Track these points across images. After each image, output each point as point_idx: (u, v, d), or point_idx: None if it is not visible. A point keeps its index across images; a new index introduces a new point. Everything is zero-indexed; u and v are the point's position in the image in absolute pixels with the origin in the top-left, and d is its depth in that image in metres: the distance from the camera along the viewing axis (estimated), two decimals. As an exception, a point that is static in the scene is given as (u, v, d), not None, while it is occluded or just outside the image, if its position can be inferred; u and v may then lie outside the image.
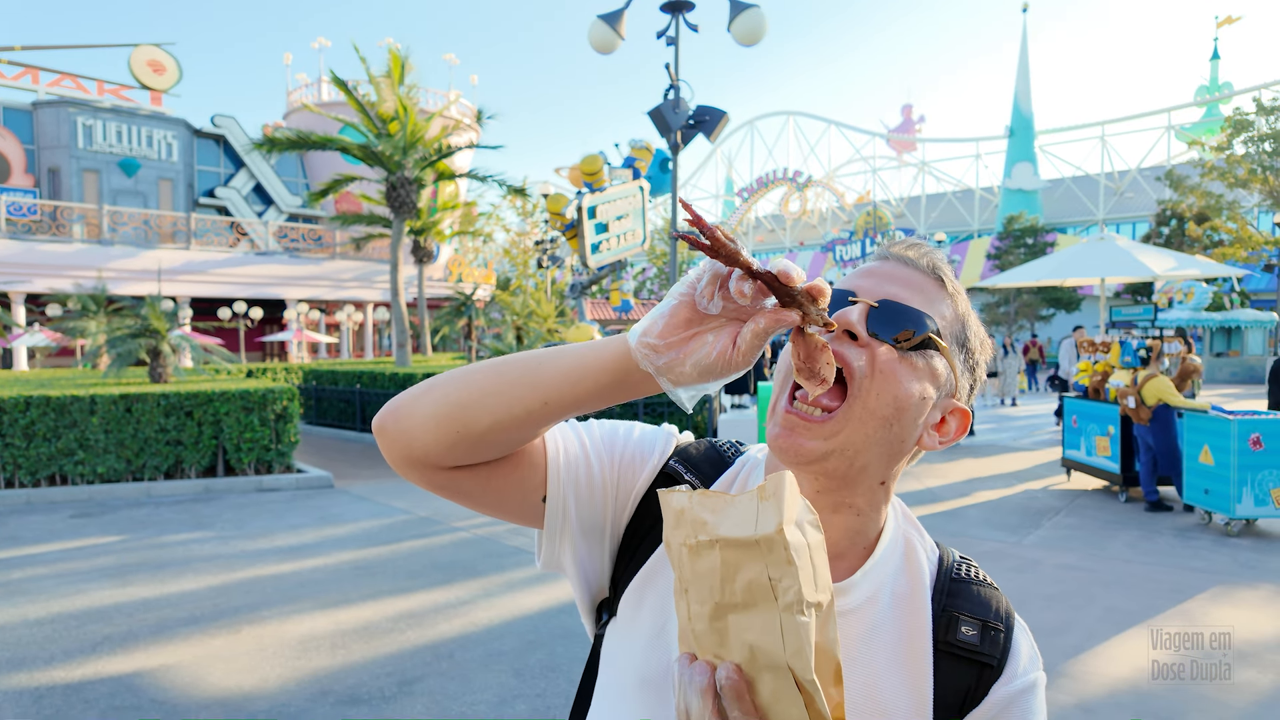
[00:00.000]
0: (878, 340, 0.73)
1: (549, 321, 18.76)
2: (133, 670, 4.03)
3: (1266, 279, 28.55)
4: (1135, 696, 3.66)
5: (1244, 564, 5.73)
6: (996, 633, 0.78)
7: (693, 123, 10.19)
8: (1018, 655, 0.79)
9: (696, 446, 0.90)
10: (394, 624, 4.67)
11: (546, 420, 0.74)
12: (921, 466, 10.01)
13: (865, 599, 0.78)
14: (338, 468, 10.32)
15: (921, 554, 0.83)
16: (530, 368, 0.72)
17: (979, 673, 0.77)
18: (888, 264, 0.79)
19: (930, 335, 0.74)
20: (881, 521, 0.81)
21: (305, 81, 31.93)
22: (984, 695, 0.77)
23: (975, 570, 0.84)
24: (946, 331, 0.77)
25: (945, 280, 0.79)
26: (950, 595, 0.80)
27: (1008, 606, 0.82)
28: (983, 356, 0.81)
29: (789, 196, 53.97)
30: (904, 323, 0.73)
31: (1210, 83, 45.03)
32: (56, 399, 8.46)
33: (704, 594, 0.61)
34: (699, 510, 0.60)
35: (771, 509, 0.58)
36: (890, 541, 0.81)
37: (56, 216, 22.10)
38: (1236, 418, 6.44)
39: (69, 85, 25.31)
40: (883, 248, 0.81)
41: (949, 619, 0.78)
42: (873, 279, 0.77)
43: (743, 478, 0.86)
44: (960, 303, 0.79)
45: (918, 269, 0.78)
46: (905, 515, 0.86)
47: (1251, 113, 25.18)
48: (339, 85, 15.72)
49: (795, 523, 0.59)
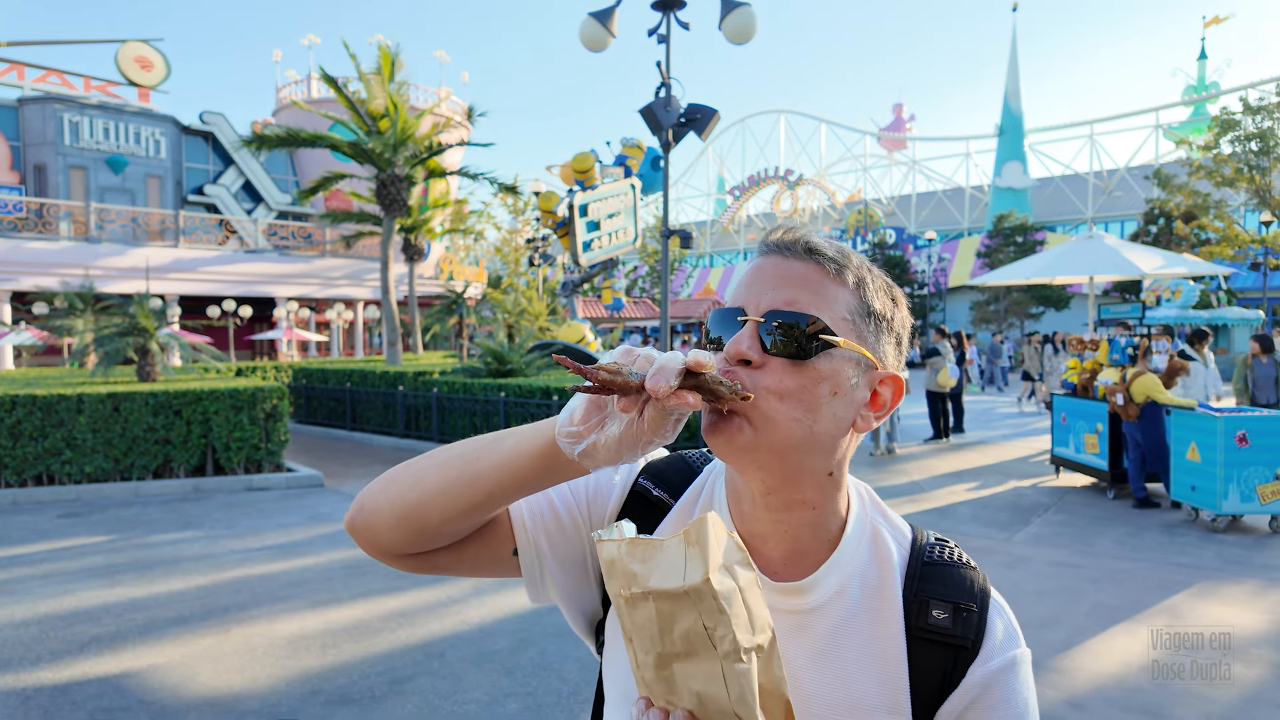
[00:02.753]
0: (772, 355, 0.72)
1: (541, 320, 18.72)
2: (121, 671, 4.00)
3: (1253, 277, 28.77)
4: (1123, 691, 3.69)
5: (1230, 560, 5.78)
6: (969, 613, 0.77)
7: (684, 121, 10.19)
8: (993, 634, 0.77)
9: (666, 460, 0.92)
10: (385, 623, 4.66)
11: (493, 508, 0.78)
12: (911, 463, 10.06)
13: (833, 593, 0.78)
14: (328, 466, 10.28)
15: (890, 541, 0.82)
16: (470, 462, 0.76)
17: (954, 655, 0.76)
18: (768, 261, 0.77)
19: (822, 336, 0.72)
20: (842, 512, 0.80)
21: (295, 78, 31.73)
22: (961, 677, 0.76)
23: (950, 551, 0.83)
24: (841, 315, 0.74)
25: (823, 259, 0.75)
26: (922, 580, 0.79)
27: (982, 584, 0.80)
28: (899, 311, 0.79)
29: (780, 195, 54.05)
30: (793, 333, 0.72)
31: (1198, 82, 45.33)
32: (43, 398, 8.39)
33: (646, 644, 0.61)
34: (629, 561, 0.60)
35: (697, 556, 0.58)
36: (855, 533, 0.80)
37: (43, 214, 21.90)
38: (1223, 415, 6.50)
39: (55, 82, 25.03)
40: (762, 240, 0.79)
41: (920, 604, 0.77)
42: (756, 286, 0.75)
43: (709, 486, 0.87)
44: (850, 274, 0.76)
45: (795, 257, 0.75)
46: (872, 503, 0.85)
47: (1238, 112, 25.36)
48: (329, 82, 15.62)
49: (723, 567, 0.59)
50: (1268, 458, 6.39)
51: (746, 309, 0.74)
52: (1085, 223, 41.45)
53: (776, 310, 0.73)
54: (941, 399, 11.90)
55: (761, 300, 0.74)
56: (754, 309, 0.74)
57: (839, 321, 0.74)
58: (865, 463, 10.20)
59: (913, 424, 13.55)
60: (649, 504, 0.87)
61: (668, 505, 0.87)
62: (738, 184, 56.22)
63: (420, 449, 11.75)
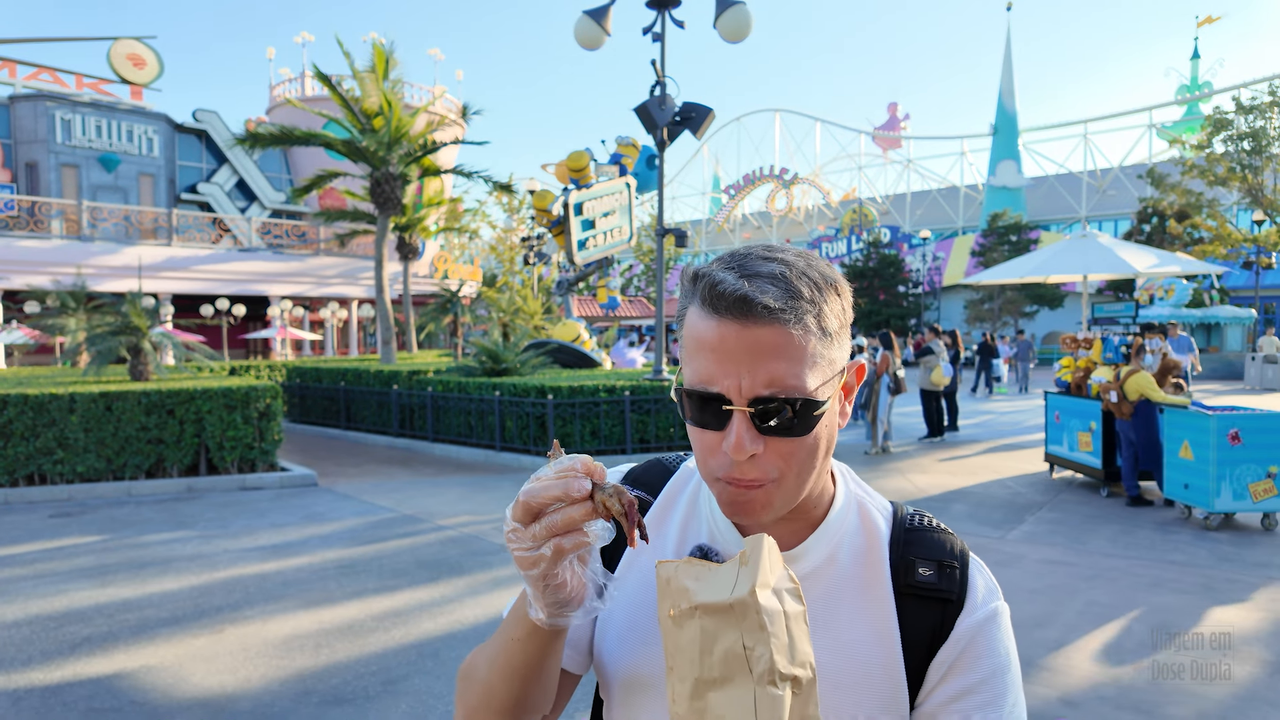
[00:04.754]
0: (775, 437, 0.72)
1: (536, 319, 18.70)
2: (113, 671, 3.98)
3: (1245, 276, 28.91)
4: (1116, 689, 3.70)
5: (1222, 557, 5.80)
6: (952, 569, 0.82)
7: (679, 119, 10.19)
8: (975, 588, 0.82)
9: (645, 465, 0.96)
10: (378, 623, 4.64)
11: (531, 694, 0.81)
12: (906, 462, 10.07)
13: (824, 559, 0.82)
14: (322, 466, 10.25)
15: (875, 512, 0.87)
16: (490, 685, 0.81)
17: (942, 609, 0.81)
18: (729, 330, 0.71)
19: (815, 411, 0.72)
20: (830, 489, 0.85)
21: (289, 76, 31.62)
22: (950, 629, 0.80)
23: (928, 519, 0.87)
24: (815, 361, 0.73)
25: (785, 317, 0.71)
26: (906, 544, 0.84)
27: (961, 546, 0.85)
28: (845, 301, 0.77)
29: (775, 193, 54.11)
30: (787, 416, 0.71)
31: (1191, 82, 45.53)
32: (35, 397, 8.34)
33: (685, 669, 0.62)
34: (683, 578, 0.62)
35: (748, 574, 0.59)
36: (843, 506, 0.85)
37: (34, 212, 21.77)
38: (1215, 414, 6.52)
39: (47, 79, 24.90)
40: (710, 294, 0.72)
41: (907, 565, 0.82)
42: (728, 363, 0.71)
43: (693, 487, 0.91)
44: (810, 316, 0.72)
45: (757, 322, 0.70)
46: (854, 480, 0.90)
47: (1231, 112, 25.47)
48: (322, 80, 15.55)
49: (773, 589, 0.60)
50: (1260, 456, 6.42)
51: (728, 395, 0.72)
52: (1079, 221, 41.56)
53: (762, 397, 0.71)
54: (936, 397, 11.93)
55: (741, 383, 0.71)
56: (736, 395, 0.71)
57: (815, 370, 0.72)
58: (860, 462, 10.22)
59: (907, 422, 13.57)
60: None
61: (648, 503, 0.89)
62: (733, 182, 56.24)
63: (415, 448, 11.73)
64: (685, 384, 0.76)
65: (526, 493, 0.67)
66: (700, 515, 0.88)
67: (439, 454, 11.25)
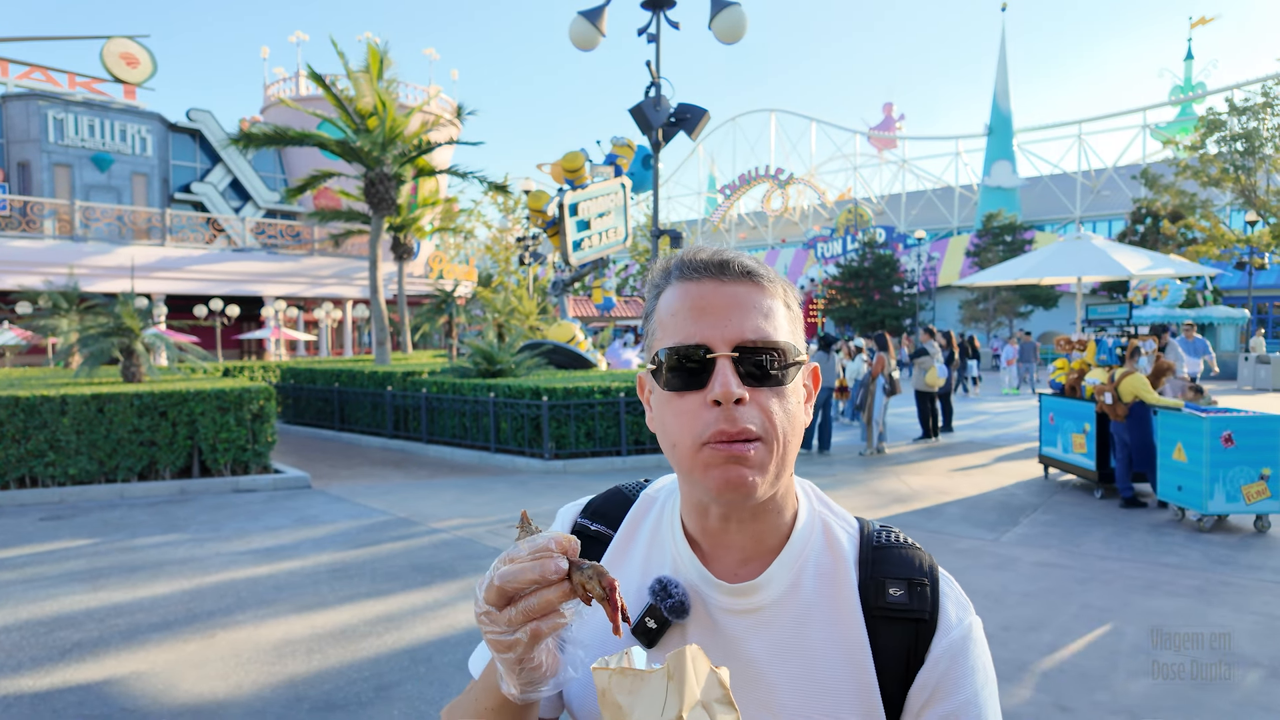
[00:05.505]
0: (756, 388, 0.74)
1: (531, 319, 18.67)
2: (103, 678, 3.95)
3: (1239, 276, 29.02)
4: (1110, 694, 3.70)
5: (1216, 559, 5.82)
6: (923, 587, 0.81)
7: (674, 120, 10.18)
8: (947, 606, 0.81)
9: (605, 495, 0.95)
10: (371, 627, 4.62)
11: None
12: (900, 463, 10.08)
13: (789, 584, 0.81)
14: (316, 467, 10.22)
15: (839, 531, 0.85)
16: None
17: (915, 629, 0.79)
18: (708, 287, 0.76)
19: (793, 360, 0.76)
20: (794, 506, 0.84)
21: (283, 76, 31.52)
22: (925, 650, 0.78)
23: (895, 535, 0.86)
24: (787, 327, 0.78)
25: (760, 277, 0.77)
26: (874, 564, 0.82)
27: (930, 562, 0.84)
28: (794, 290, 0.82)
29: (771, 193, 54.15)
30: (769, 362, 0.75)
31: (1185, 83, 45.71)
32: (26, 399, 8.29)
33: None
34: (616, 693, 0.62)
35: (675, 693, 0.60)
36: (805, 527, 0.84)
37: (27, 212, 21.65)
38: (1209, 415, 6.54)
39: (39, 78, 24.76)
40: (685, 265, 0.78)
41: (876, 585, 0.80)
42: (708, 317, 0.75)
43: (654, 516, 0.89)
44: (778, 285, 0.79)
45: (734, 279, 0.76)
46: (818, 497, 0.88)
47: (1224, 113, 25.56)
48: (316, 80, 15.51)
49: (701, 704, 0.60)
50: (1253, 458, 6.43)
51: (711, 345, 0.74)
52: (1073, 222, 41.70)
53: (747, 343, 0.74)
54: (930, 398, 11.94)
55: (725, 332, 0.75)
56: (720, 343, 0.74)
57: (788, 333, 0.77)
58: (855, 463, 10.22)
59: (902, 423, 13.59)
60: (589, 539, 0.91)
61: (607, 538, 0.90)
62: (728, 182, 56.27)
63: (409, 449, 11.69)
64: (665, 349, 0.76)
65: (500, 576, 0.64)
66: (663, 544, 0.86)
67: (433, 456, 11.22)
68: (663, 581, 0.81)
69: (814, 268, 42.69)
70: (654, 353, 0.78)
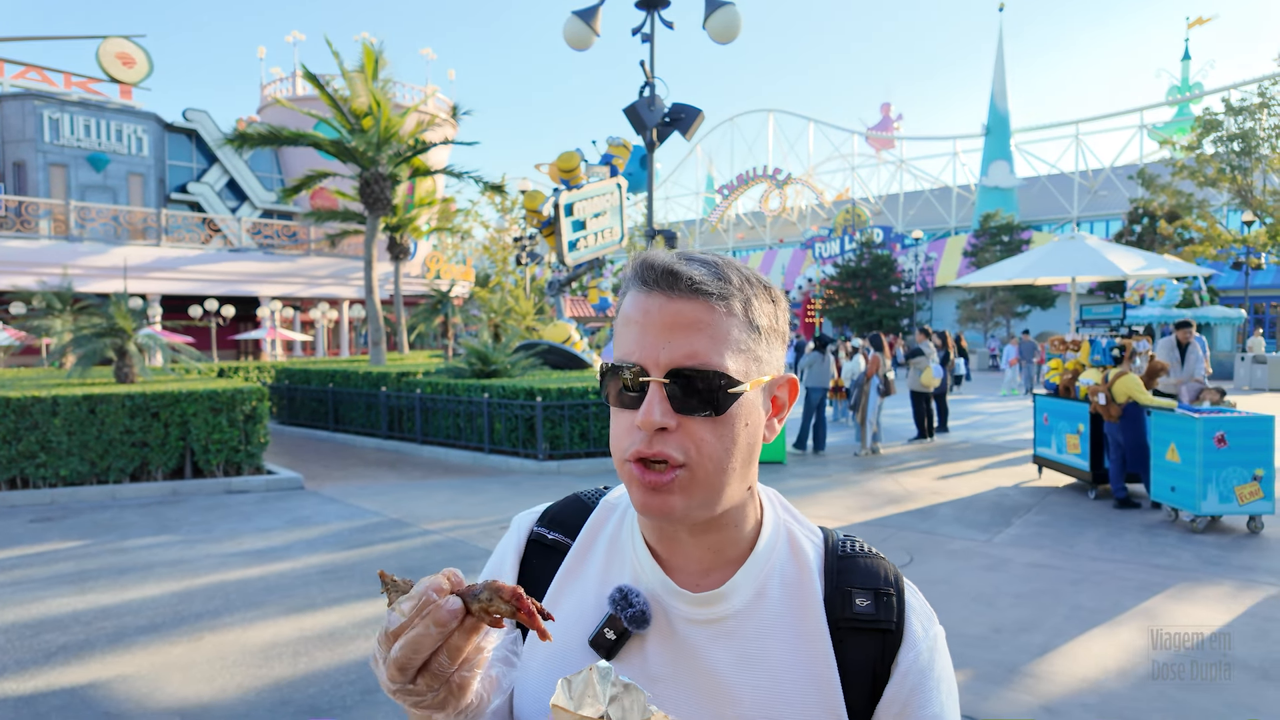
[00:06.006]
0: (687, 416, 0.72)
1: (528, 319, 18.64)
2: (87, 681, 3.93)
3: (1235, 276, 29.04)
4: (1099, 696, 3.68)
5: (1208, 560, 5.80)
6: (889, 597, 0.80)
7: (668, 120, 10.16)
8: (912, 617, 0.80)
9: (563, 502, 0.93)
10: (360, 630, 4.60)
11: None
12: (895, 464, 10.06)
13: (754, 594, 0.79)
14: (310, 468, 10.18)
15: (804, 540, 0.84)
16: None
17: (882, 639, 0.78)
18: (653, 303, 0.73)
19: (732, 389, 0.73)
20: (757, 517, 0.82)
21: (280, 76, 31.46)
22: (892, 664, 0.77)
23: (859, 544, 0.85)
24: (738, 346, 0.73)
25: (709, 294, 0.73)
26: (840, 573, 0.81)
27: (895, 571, 0.83)
28: (779, 309, 0.78)
29: (769, 194, 54.15)
30: (701, 389, 0.72)
31: (1182, 83, 45.75)
32: (17, 400, 8.26)
33: None
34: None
35: None
36: (770, 537, 0.82)
37: (21, 212, 21.60)
38: (1202, 416, 6.53)
39: (35, 78, 24.70)
40: (641, 269, 0.75)
41: (842, 595, 0.79)
42: (650, 336, 0.72)
43: (614, 524, 0.87)
44: (736, 300, 0.74)
45: (681, 295, 0.72)
46: (783, 507, 0.87)
47: (1220, 113, 25.58)
48: (310, 80, 15.47)
49: None
50: (1246, 458, 6.42)
51: (645, 366, 0.73)
52: (1070, 222, 41.72)
53: (680, 368, 0.72)
54: (925, 399, 11.93)
55: (660, 355, 0.72)
56: (654, 365, 0.72)
57: (738, 355, 0.73)
58: (849, 463, 10.21)
59: (897, 424, 13.57)
60: (546, 548, 0.89)
61: (565, 546, 0.88)
62: (726, 183, 56.25)
63: (403, 450, 11.67)
64: (606, 365, 0.76)
65: (399, 651, 0.60)
66: (623, 552, 0.84)
67: (427, 456, 11.19)
68: (623, 590, 0.79)
69: (812, 268, 42.70)
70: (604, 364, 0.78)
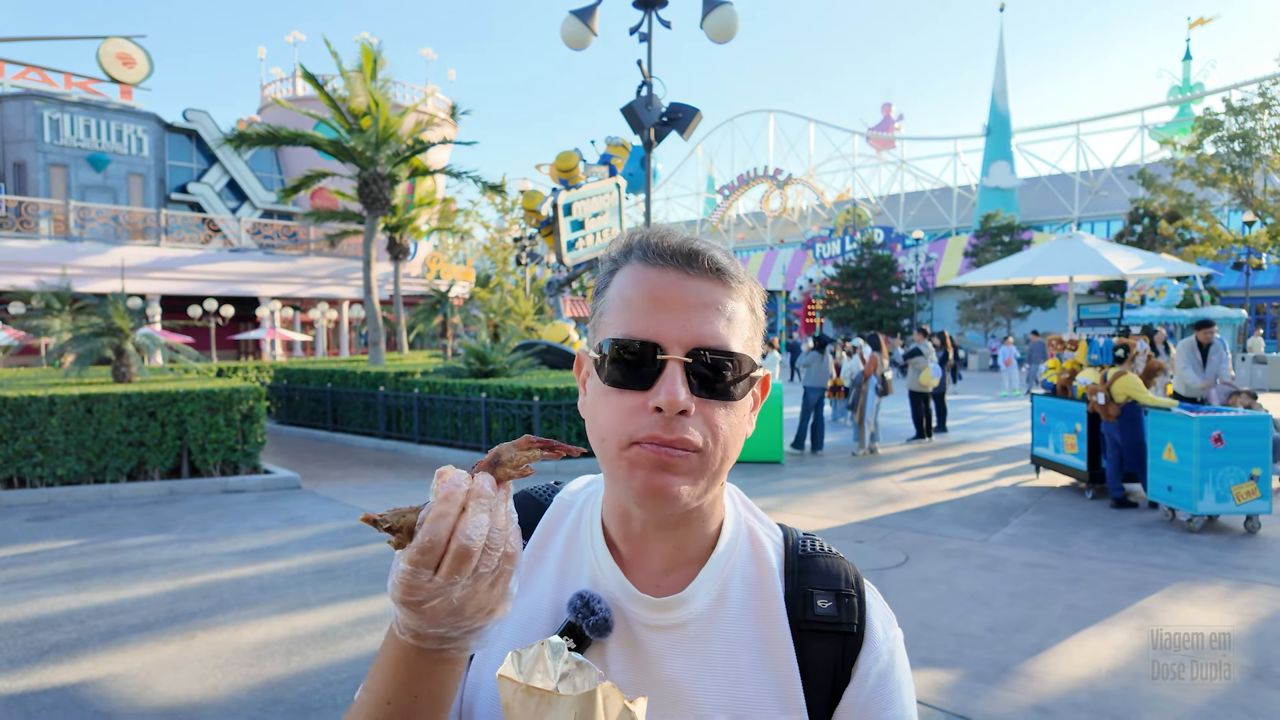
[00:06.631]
0: (704, 400, 0.70)
1: (527, 319, 18.66)
2: (79, 680, 3.92)
3: (1236, 276, 29.01)
4: (1092, 696, 3.67)
5: (1204, 560, 5.79)
6: (850, 599, 0.78)
7: (666, 120, 10.14)
8: (873, 619, 0.79)
9: (516, 499, 0.88)
10: (353, 629, 4.59)
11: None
12: (893, 463, 10.05)
13: (715, 596, 0.77)
14: (307, 468, 10.18)
15: (765, 539, 0.82)
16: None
17: (842, 641, 0.77)
18: (671, 278, 0.70)
19: (751, 374, 0.72)
20: (720, 515, 0.80)
21: (280, 76, 31.48)
22: (852, 667, 0.76)
23: (819, 544, 0.84)
24: (746, 335, 0.73)
25: (729, 276, 0.72)
26: (801, 574, 0.80)
27: (856, 573, 0.82)
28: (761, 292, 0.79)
29: (769, 194, 54.13)
30: (723, 374, 0.70)
31: (1183, 83, 45.71)
32: (13, 399, 8.26)
33: None
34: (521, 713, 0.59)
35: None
36: (731, 535, 0.80)
37: (21, 212, 21.61)
38: (1199, 415, 6.51)
39: (35, 78, 24.71)
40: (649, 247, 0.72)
41: (803, 596, 0.78)
42: (665, 313, 0.69)
43: (571, 522, 0.84)
44: (745, 285, 0.74)
45: (701, 274, 0.71)
46: (744, 503, 0.85)
47: (1221, 113, 25.53)
48: (309, 80, 15.48)
49: None
50: (1243, 458, 6.41)
51: (663, 344, 0.69)
52: (1071, 222, 41.67)
53: (704, 348, 0.69)
54: (924, 399, 11.91)
55: (682, 333, 0.69)
56: (674, 345, 0.69)
57: (748, 344, 0.73)
58: (847, 463, 10.20)
59: (895, 424, 13.56)
60: None
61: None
62: (727, 183, 56.24)
63: (401, 450, 11.66)
64: (611, 340, 0.70)
65: (459, 547, 0.57)
66: (581, 552, 0.81)
67: (425, 456, 11.19)
68: (585, 597, 0.75)
69: (812, 268, 42.68)
70: (599, 338, 0.73)
